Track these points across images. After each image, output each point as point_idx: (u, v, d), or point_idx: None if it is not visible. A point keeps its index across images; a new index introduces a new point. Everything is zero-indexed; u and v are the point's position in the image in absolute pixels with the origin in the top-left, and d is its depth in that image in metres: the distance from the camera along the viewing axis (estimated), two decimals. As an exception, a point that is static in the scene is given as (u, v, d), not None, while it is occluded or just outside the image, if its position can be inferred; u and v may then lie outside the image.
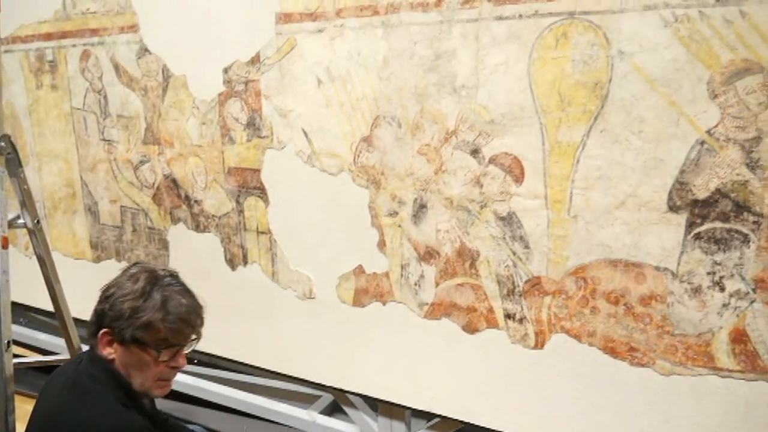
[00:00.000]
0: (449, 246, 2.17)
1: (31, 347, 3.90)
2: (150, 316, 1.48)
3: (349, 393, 2.63)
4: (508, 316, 2.11)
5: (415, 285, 2.27)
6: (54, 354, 3.50)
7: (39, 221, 2.39)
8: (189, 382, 3.19)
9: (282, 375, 2.78)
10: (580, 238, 1.93)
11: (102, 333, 1.53)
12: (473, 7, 1.94)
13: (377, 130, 2.23)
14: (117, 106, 2.95)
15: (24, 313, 3.87)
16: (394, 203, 2.25)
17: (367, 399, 2.65)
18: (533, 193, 1.97)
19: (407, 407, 2.45)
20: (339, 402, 2.88)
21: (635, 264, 1.87)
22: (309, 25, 2.27)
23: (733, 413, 1.82)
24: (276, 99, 2.43)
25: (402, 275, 2.30)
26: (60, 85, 3.16)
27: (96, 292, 1.62)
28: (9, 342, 2.05)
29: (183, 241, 2.91)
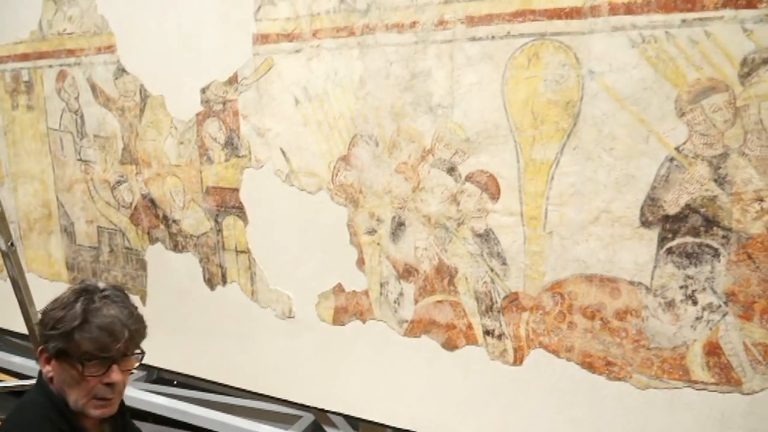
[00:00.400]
0: (428, 263, 2.18)
1: (6, 371, 3.82)
2: (68, 326, 1.38)
3: (330, 412, 2.61)
4: (487, 332, 2.12)
5: (395, 303, 2.28)
6: (30, 378, 3.43)
7: (13, 244, 2.35)
8: (168, 404, 3.14)
9: (262, 395, 2.75)
10: (555, 253, 1.95)
11: (40, 350, 1.47)
12: (447, 29, 1.97)
13: (355, 148, 2.24)
14: (94, 126, 2.93)
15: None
16: (372, 221, 2.26)
17: (348, 418, 2.63)
18: (509, 210, 1.99)
19: (388, 426, 2.44)
20: (320, 422, 2.85)
21: (610, 279, 1.89)
22: (286, 46, 2.29)
23: (710, 426, 1.84)
24: (254, 118, 2.43)
25: (381, 293, 2.30)
26: (36, 106, 3.14)
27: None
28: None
29: (161, 261, 2.89)
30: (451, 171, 2.07)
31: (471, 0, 1.92)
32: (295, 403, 2.67)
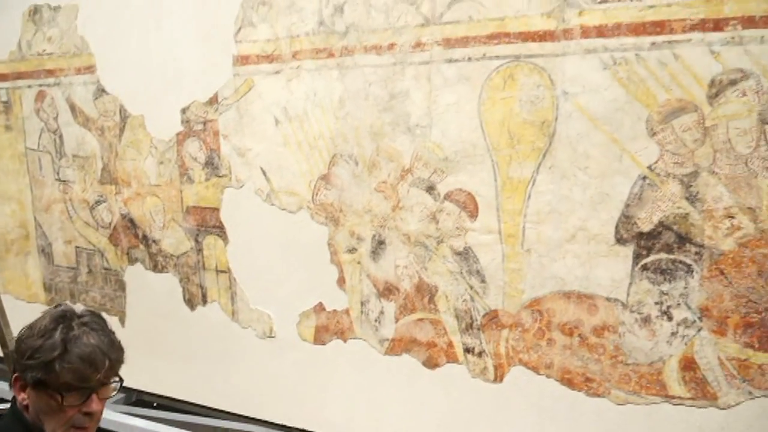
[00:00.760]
0: (408, 281, 2.19)
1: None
2: (48, 356, 1.35)
3: (312, 433, 2.59)
4: (467, 350, 2.13)
5: (375, 321, 2.28)
6: (5, 401, 3.36)
7: (-11, 265, 2.32)
8: (147, 427, 3.09)
9: (243, 417, 2.72)
10: (534, 271, 1.97)
11: (14, 378, 1.44)
12: (424, 50, 2.01)
13: (335, 168, 2.25)
14: (73, 146, 2.91)
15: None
16: (353, 240, 2.27)
17: (331, 438, 2.61)
18: (488, 228, 2.01)
19: (370, 445, 2.43)
20: (302, 442, 2.83)
21: (587, 295, 1.92)
22: (266, 67, 2.31)
23: (687, 440, 1.86)
24: (234, 138, 2.44)
25: (362, 311, 2.30)
26: (14, 126, 3.11)
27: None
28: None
29: (140, 282, 2.86)
30: (430, 190, 2.09)
31: (447, 23, 1.95)
32: (277, 424, 2.64)
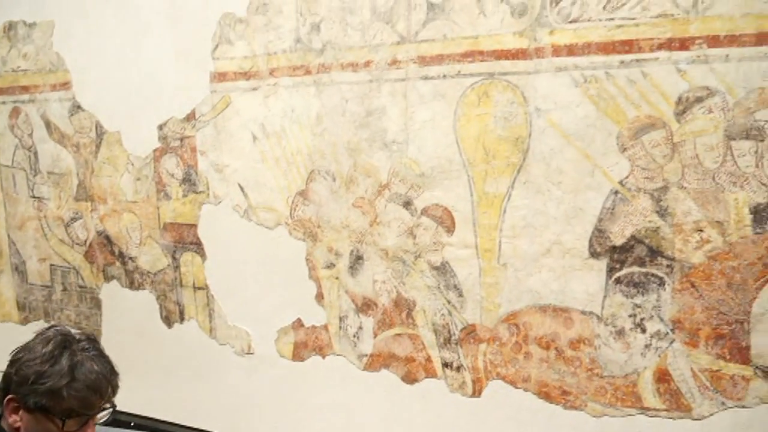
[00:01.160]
0: (386, 296, 2.19)
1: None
2: (55, 382, 1.36)
3: (291, 451, 2.56)
4: (445, 364, 2.14)
5: (354, 337, 2.28)
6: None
7: (-41, 284, 2.28)
8: (123, 447, 3.04)
9: (221, 435, 2.69)
10: (510, 285, 1.99)
11: (7, 399, 1.42)
12: (400, 68, 2.03)
13: (312, 184, 2.26)
14: (48, 162, 2.88)
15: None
16: (331, 255, 2.27)
17: (310, 456, 2.59)
18: (464, 243, 2.03)
19: (350, 462, 2.42)
20: (282, 460, 2.80)
21: (563, 309, 1.94)
22: (243, 84, 2.31)
23: (663, 452, 1.88)
24: (212, 155, 2.44)
25: (341, 327, 2.30)
26: (-12, 142, 3.07)
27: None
28: None
29: (116, 300, 2.83)
30: (407, 205, 2.10)
31: (422, 41, 1.98)
32: (255, 442, 2.61)
